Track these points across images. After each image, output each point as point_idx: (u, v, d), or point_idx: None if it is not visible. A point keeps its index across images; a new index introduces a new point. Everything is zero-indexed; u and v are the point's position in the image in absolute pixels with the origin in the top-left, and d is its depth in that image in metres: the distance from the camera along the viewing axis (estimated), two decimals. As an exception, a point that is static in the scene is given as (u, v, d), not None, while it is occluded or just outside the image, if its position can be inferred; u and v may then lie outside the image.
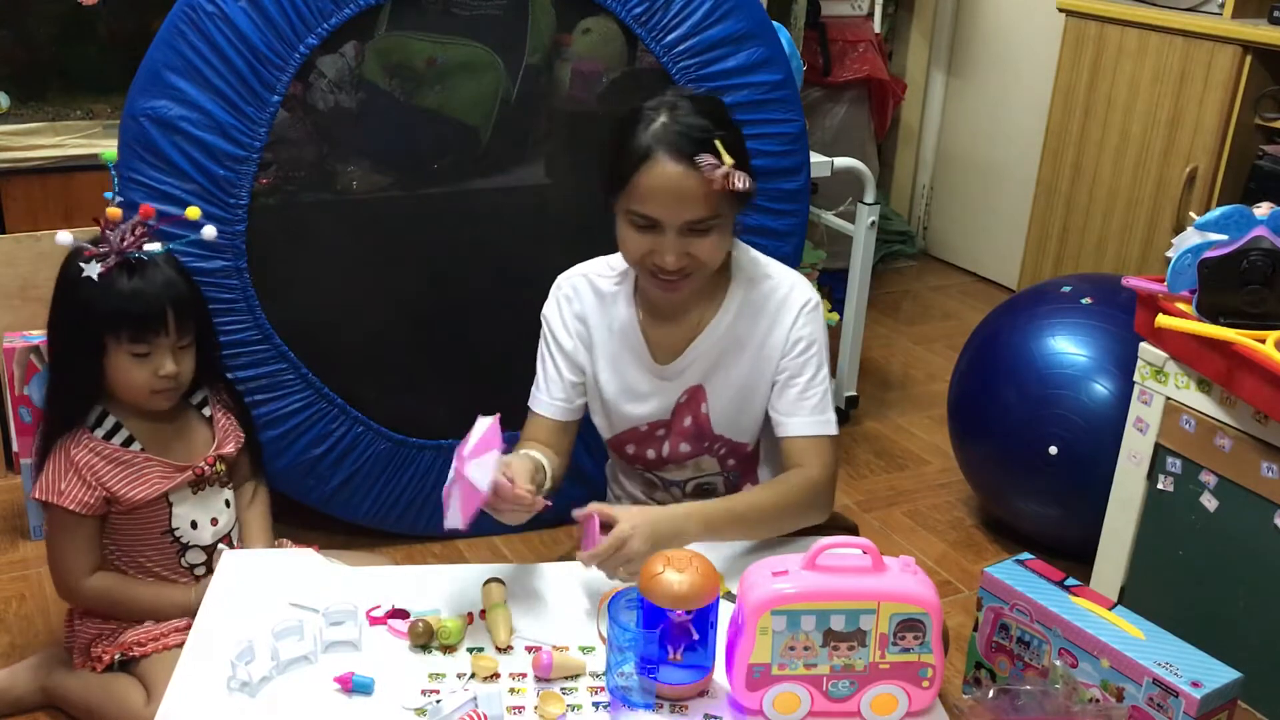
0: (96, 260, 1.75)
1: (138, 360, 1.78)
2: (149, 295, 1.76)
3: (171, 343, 1.79)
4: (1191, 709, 1.37)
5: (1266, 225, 1.79)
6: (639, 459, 1.85)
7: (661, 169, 1.58)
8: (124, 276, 1.76)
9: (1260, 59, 2.81)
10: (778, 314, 1.74)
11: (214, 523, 1.92)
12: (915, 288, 4.22)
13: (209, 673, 1.39)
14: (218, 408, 1.96)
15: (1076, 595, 1.54)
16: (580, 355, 1.81)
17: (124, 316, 1.76)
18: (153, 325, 1.77)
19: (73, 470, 1.80)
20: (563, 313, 1.81)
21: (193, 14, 2.08)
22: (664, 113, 1.61)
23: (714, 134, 1.59)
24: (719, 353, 1.75)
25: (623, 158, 1.62)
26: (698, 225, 1.61)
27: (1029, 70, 3.91)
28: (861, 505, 2.77)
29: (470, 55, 2.35)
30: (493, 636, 1.47)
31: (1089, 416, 2.31)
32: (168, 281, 1.79)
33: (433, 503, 2.48)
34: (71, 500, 1.79)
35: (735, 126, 1.67)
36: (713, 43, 2.36)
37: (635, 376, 1.78)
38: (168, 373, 1.79)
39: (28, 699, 1.94)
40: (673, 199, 1.59)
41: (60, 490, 1.80)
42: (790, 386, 1.73)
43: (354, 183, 2.39)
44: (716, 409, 1.77)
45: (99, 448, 1.82)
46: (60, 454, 1.81)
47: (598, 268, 1.82)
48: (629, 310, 1.78)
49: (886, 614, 1.33)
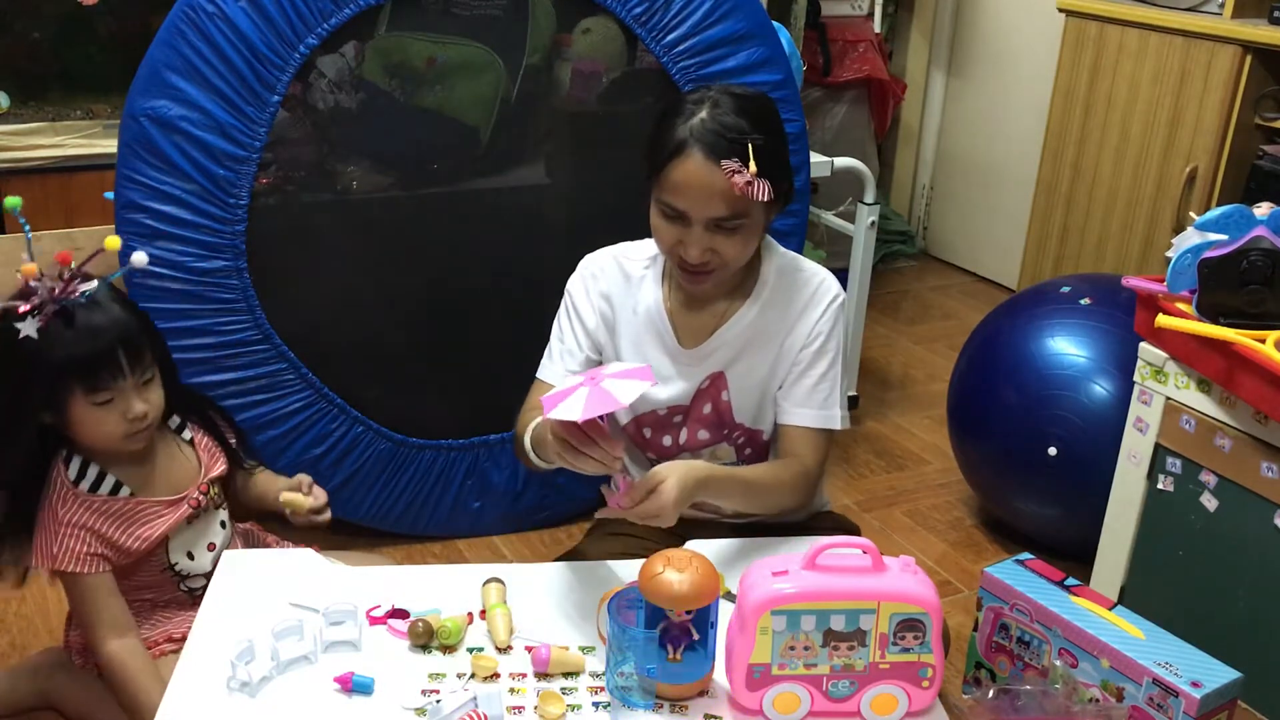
0: (30, 316, 1.60)
1: (102, 409, 1.66)
2: (97, 340, 1.63)
3: (133, 383, 1.67)
4: (1191, 709, 1.37)
5: (1266, 225, 1.79)
6: (655, 446, 1.85)
7: (692, 164, 1.59)
8: (64, 327, 1.62)
9: (1260, 59, 2.81)
10: (805, 308, 1.76)
11: (210, 548, 1.85)
12: (915, 288, 4.22)
13: (209, 673, 1.39)
14: (196, 429, 1.88)
15: (1076, 595, 1.54)
16: (601, 334, 1.82)
17: (75, 369, 1.63)
18: (109, 370, 1.64)
19: (63, 532, 1.68)
20: (589, 288, 1.82)
21: (193, 14, 2.08)
22: (705, 107, 1.62)
23: (748, 136, 1.59)
24: (744, 342, 1.76)
25: (659, 147, 1.63)
26: (724, 223, 1.62)
27: (1029, 70, 3.91)
28: (861, 505, 2.77)
29: (470, 55, 2.35)
30: (493, 636, 1.47)
31: (1089, 416, 2.31)
32: (113, 320, 1.66)
33: (432, 502, 2.48)
34: (75, 561, 1.68)
35: (778, 130, 1.68)
36: (713, 43, 2.36)
37: (658, 359, 1.79)
38: (136, 414, 1.68)
39: (27, 701, 1.94)
40: (700, 195, 1.60)
41: (55, 555, 1.68)
42: (804, 378, 1.75)
43: (354, 183, 2.39)
44: (737, 397, 1.79)
45: (90, 503, 1.70)
46: (48, 517, 1.69)
47: (626, 251, 1.84)
48: (656, 293, 1.79)
49: (886, 614, 1.33)
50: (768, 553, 1.57)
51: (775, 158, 1.63)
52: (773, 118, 1.68)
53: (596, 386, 1.43)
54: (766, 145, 1.60)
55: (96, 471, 1.72)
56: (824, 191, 3.14)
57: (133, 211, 2.10)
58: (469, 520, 2.52)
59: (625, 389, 1.43)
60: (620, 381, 1.44)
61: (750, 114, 1.62)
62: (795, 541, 1.66)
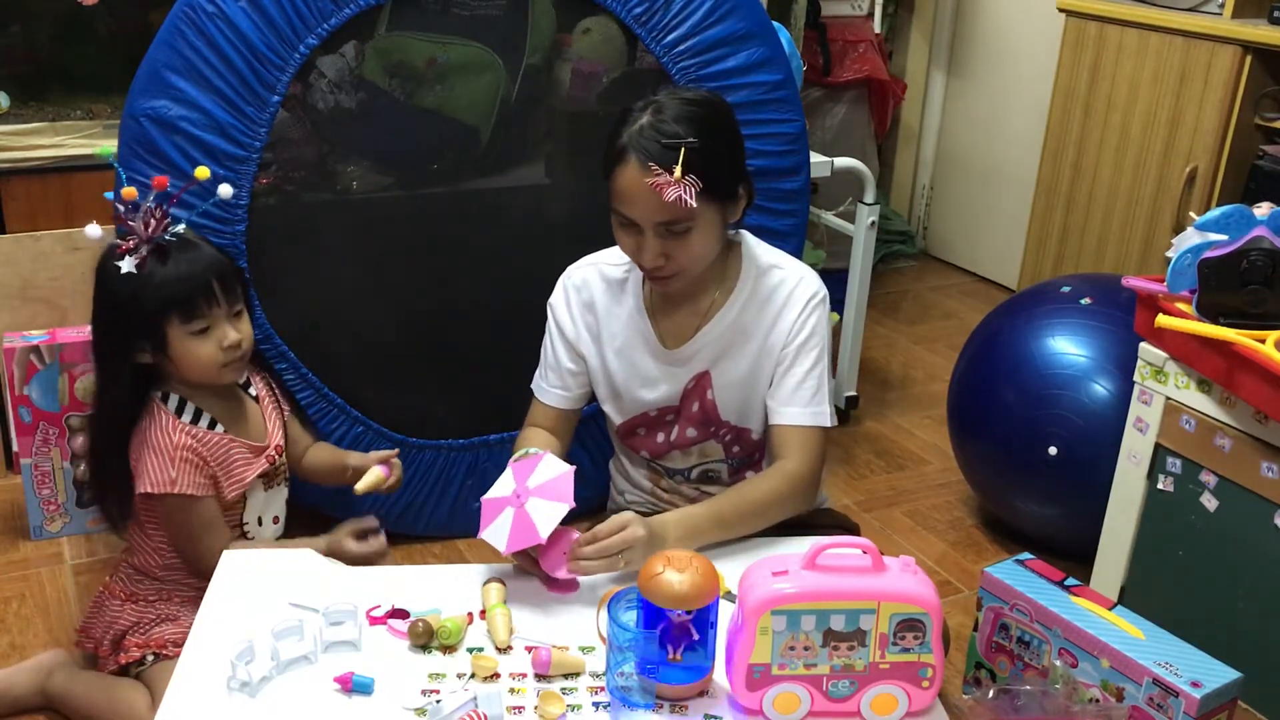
0: (129, 254, 1.77)
1: (200, 338, 1.80)
2: (192, 273, 1.79)
3: (226, 311, 1.83)
4: (1191, 709, 1.37)
5: (1266, 225, 1.79)
6: (647, 445, 1.86)
7: (630, 171, 1.60)
8: (160, 262, 1.78)
9: (1260, 59, 2.81)
10: (784, 305, 1.76)
11: (275, 521, 1.97)
12: (915, 288, 4.22)
13: (209, 673, 1.39)
14: (260, 384, 2.00)
15: (1076, 595, 1.54)
16: (584, 344, 1.83)
17: (174, 300, 1.78)
18: (205, 300, 1.79)
19: (172, 456, 1.81)
20: (569, 303, 1.83)
21: (193, 14, 2.08)
22: (647, 113, 1.62)
23: (682, 141, 1.57)
24: (726, 342, 1.77)
25: (607, 155, 1.64)
26: (672, 227, 1.62)
27: (1029, 70, 3.91)
28: (861, 505, 2.77)
29: (470, 55, 2.35)
30: (493, 636, 1.47)
31: (1089, 416, 2.31)
32: (203, 254, 1.82)
33: (432, 502, 2.48)
34: (189, 484, 1.81)
35: (723, 131, 1.66)
36: (713, 43, 2.36)
37: (644, 362, 1.80)
38: (231, 342, 1.82)
39: (26, 700, 1.94)
40: (640, 201, 1.60)
41: (172, 479, 1.80)
42: (788, 376, 1.75)
43: (354, 183, 2.39)
44: (723, 396, 1.79)
45: (194, 433, 1.84)
46: (159, 444, 1.82)
47: (607, 257, 1.84)
48: (637, 297, 1.80)
49: (886, 614, 1.33)
50: (768, 553, 1.58)
51: (719, 159, 1.62)
52: (718, 119, 1.66)
53: (521, 509, 1.54)
54: (706, 148, 1.59)
55: (193, 408, 1.86)
56: (824, 191, 3.14)
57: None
58: (469, 520, 2.50)
59: (546, 518, 1.53)
60: (545, 504, 1.54)
61: (693, 118, 1.61)
62: (795, 541, 1.65)
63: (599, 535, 1.55)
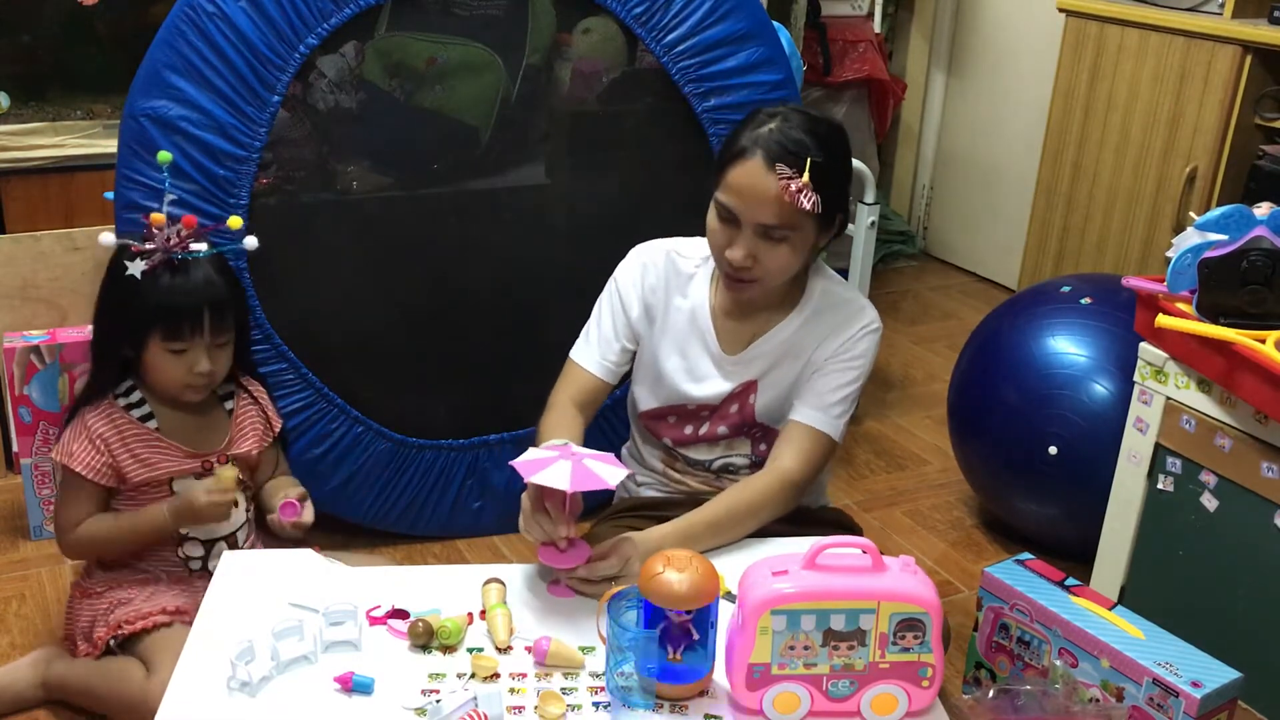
0: (142, 258, 1.80)
1: (174, 357, 1.84)
2: (187, 295, 1.82)
3: (207, 342, 1.85)
4: (1191, 709, 1.37)
5: (1266, 225, 1.79)
6: (673, 433, 1.88)
7: (750, 168, 1.65)
8: (166, 275, 1.81)
9: (1260, 59, 2.81)
10: (840, 326, 1.80)
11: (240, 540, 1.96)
12: (915, 288, 4.22)
13: (209, 673, 1.39)
14: (243, 403, 2.00)
15: (1076, 595, 1.54)
16: (642, 325, 1.86)
17: (161, 315, 1.82)
18: (190, 327, 1.82)
19: (85, 436, 1.86)
20: (636, 280, 1.86)
21: (193, 14, 2.08)
22: (776, 120, 1.68)
23: (809, 153, 1.63)
24: (779, 355, 1.81)
25: (725, 150, 1.71)
26: (772, 231, 1.66)
27: (1029, 70, 3.91)
28: (861, 505, 2.77)
29: (470, 55, 2.35)
30: (493, 637, 1.47)
31: (1089, 416, 2.31)
32: (208, 281, 1.84)
33: (433, 502, 2.48)
34: (80, 463, 1.85)
35: (841, 156, 1.72)
36: (713, 43, 2.36)
37: (698, 360, 1.83)
38: (202, 370, 1.85)
39: (27, 695, 1.94)
40: (753, 198, 1.65)
41: (71, 452, 1.86)
42: (820, 381, 1.78)
43: (354, 183, 2.39)
44: (763, 403, 1.83)
45: (116, 416, 1.88)
46: (79, 420, 1.89)
47: (680, 247, 1.87)
48: (704, 294, 1.83)
49: (886, 614, 1.33)
50: (768, 552, 1.57)
51: (833, 181, 1.67)
52: (839, 144, 1.72)
53: (579, 463, 1.50)
54: (825, 165, 1.64)
55: (138, 397, 1.90)
56: (824, 191, 3.14)
57: (133, 211, 2.09)
58: (469, 520, 2.52)
59: (609, 473, 1.50)
60: (600, 464, 1.52)
61: (818, 135, 1.67)
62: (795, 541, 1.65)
63: (604, 552, 1.59)
